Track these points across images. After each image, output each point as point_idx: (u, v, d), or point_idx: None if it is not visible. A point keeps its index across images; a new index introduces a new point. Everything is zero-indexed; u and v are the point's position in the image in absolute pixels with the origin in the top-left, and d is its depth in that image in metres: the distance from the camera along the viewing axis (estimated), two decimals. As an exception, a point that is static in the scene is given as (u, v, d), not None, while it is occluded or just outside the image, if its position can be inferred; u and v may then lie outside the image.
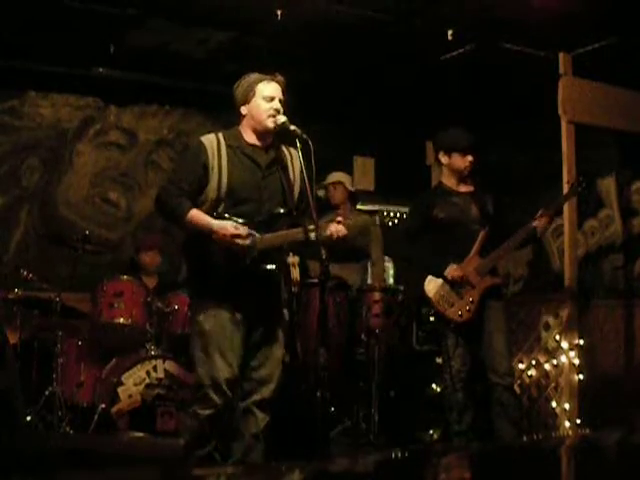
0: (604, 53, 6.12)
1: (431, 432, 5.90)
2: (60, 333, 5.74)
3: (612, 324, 6.58)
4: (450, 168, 5.32)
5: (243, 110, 4.32)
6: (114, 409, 5.54)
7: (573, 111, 5.98)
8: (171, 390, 5.64)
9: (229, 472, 2.47)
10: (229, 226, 4.10)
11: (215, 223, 4.12)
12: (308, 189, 4.12)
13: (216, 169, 4.21)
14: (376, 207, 7.80)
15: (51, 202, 6.92)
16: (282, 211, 4.28)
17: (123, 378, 5.62)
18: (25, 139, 6.85)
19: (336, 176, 6.68)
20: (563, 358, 5.95)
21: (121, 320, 5.84)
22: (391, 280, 7.26)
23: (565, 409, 5.88)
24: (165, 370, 5.70)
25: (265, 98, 4.27)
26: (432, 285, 5.26)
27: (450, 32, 5.97)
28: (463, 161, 5.25)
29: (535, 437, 5.75)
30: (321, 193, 6.61)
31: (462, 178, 5.33)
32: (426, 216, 5.29)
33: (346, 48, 6.34)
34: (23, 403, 5.24)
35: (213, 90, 6.76)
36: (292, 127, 4.24)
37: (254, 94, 4.28)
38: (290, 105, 4.38)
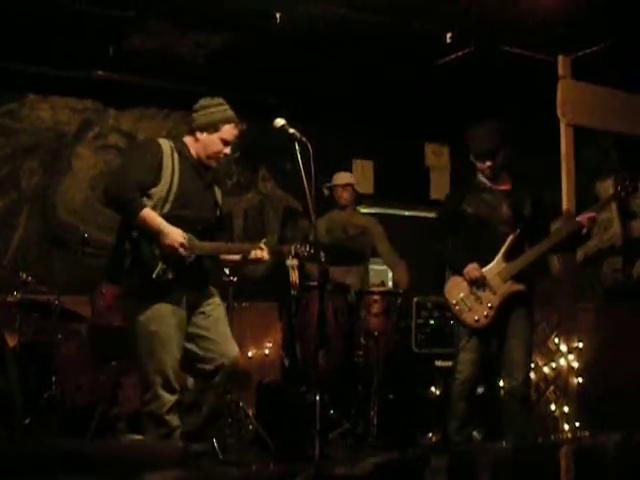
0: (603, 56, 6.12)
1: (430, 435, 5.89)
2: (59, 336, 5.75)
3: (611, 327, 6.57)
4: (478, 168, 5.12)
5: (198, 135, 4.41)
6: (113, 412, 5.53)
7: (572, 113, 5.99)
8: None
9: (229, 474, 2.47)
10: (179, 235, 4.17)
11: (167, 227, 4.17)
12: (308, 192, 4.15)
13: (169, 170, 4.27)
14: (375, 210, 7.80)
15: (50, 205, 6.91)
16: (216, 223, 4.45)
17: (122, 381, 5.62)
18: (24, 142, 6.85)
19: (345, 178, 6.73)
20: (562, 361, 5.95)
21: (120, 323, 5.83)
22: (390, 283, 7.25)
23: (564, 412, 5.88)
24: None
25: (223, 140, 4.39)
26: (451, 287, 5.05)
27: (449, 35, 5.96)
28: (482, 166, 5.06)
29: (534, 440, 5.75)
30: (327, 192, 6.67)
31: (495, 176, 5.10)
32: (454, 211, 5.08)
33: (345, 51, 6.34)
34: (22, 406, 5.24)
35: (212, 93, 6.74)
36: (291, 130, 4.29)
37: (216, 130, 4.39)
38: (289, 108, 4.39)
